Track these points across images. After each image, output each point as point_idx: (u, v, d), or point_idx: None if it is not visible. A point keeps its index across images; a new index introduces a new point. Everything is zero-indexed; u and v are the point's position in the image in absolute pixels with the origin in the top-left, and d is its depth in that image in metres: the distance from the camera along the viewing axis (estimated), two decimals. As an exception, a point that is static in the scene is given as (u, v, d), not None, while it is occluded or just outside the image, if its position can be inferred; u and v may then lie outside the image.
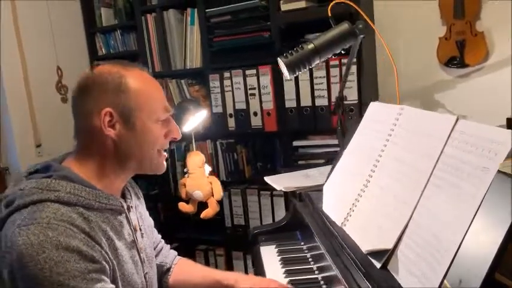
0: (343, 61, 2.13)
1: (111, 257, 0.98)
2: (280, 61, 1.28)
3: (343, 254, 1.03)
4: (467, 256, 0.69)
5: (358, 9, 1.33)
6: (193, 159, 1.72)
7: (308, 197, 1.45)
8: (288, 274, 1.40)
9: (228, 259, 2.68)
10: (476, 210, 0.71)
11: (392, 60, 1.26)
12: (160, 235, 1.40)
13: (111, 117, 1.01)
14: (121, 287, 1.01)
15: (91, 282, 0.89)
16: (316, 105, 2.23)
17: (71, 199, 0.95)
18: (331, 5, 1.32)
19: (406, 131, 1.05)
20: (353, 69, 2.14)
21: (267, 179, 1.67)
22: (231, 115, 2.44)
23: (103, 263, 0.94)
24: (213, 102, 2.46)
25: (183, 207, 1.75)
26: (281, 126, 2.34)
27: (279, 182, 1.60)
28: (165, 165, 1.13)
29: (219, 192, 1.74)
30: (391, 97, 2.34)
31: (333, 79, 2.17)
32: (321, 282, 1.30)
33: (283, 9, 2.26)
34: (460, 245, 0.71)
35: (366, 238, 0.99)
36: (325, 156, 2.27)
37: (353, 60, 1.37)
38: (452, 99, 2.31)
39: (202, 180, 1.70)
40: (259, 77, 2.34)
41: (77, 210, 0.95)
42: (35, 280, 0.85)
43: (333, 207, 1.23)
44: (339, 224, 1.14)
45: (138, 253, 1.10)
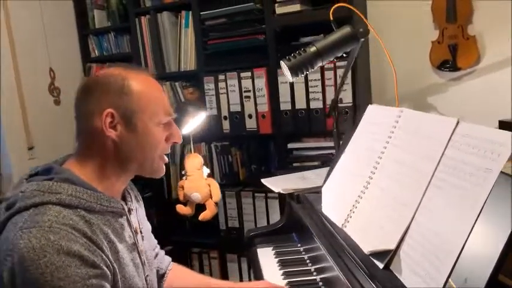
0: (337, 64, 2.15)
1: (112, 260, 0.97)
2: (283, 64, 1.29)
3: (345, 254, 1.03)
4: (473, 256, 0.71)
5: (359, 14, 1.34)
6: (192, 161, 1.72)
7: (306, 199, 1.46)
8: (286, 276, 1.40)
9: (222, 262, 2.67)
10: (480, 211, 0.72)
11: (391, 63, 1.28)
12: (156, 240, 1.40)
13: (113, 118, 1.01)
14: None
15: (91, 287, 0.89)
16: (311, 107, 2.24)
17: (73, 202, 0.95)
18: (332, 9, 1.34)
19: (406, 133, 1.06)
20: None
21: (264, 181, 1.67)
22: (225, 117, 2.45)
23: (104, 268, 0.93)
24: (208, 104, 2.46)
25: (181, 209, 1.75)
26: (276, 128, 2.35)
27: (276, 184, 1.61)
28: (164, 169, 1.13)
29: (217, 194, 1.74)
30: (384, 99, 2.37)
31: (327, 82, 2.19)
32: (320, 284, 1.31)
33: (278, 12, 2.28)
34: (464, 245, 0.73)
35: (367, 239, 1.00)
36: (320, 158, 2.28)
37: (352, 63, 1.38)
38: (445, 102, 2.34)
39: (200, 182, 1.70)
40: (254, 80, 2.35)
41: (78, 212, 0.95)
42: (35, 284, 0.84)
43: (333, 209, 1.24)
44: (340, 225, 1.15)
45: (139, 256, 1.10)
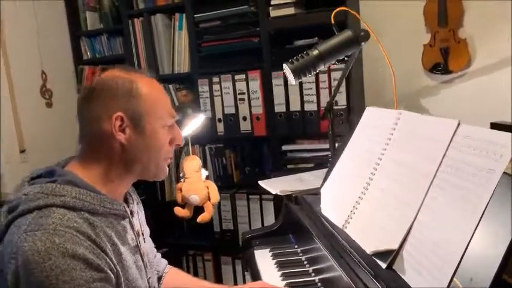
0: (332, 67, 2.17)
1: (115, 263, 0.97)
2: (286, 67, 1.31)
3: (347, 255, 1.05)
4: (477, 255, 0.72)
5: (360, 18, 1.36)
6: (190, 163, 1.72)
7: (304, 200, 1.47)
8: (284, 277, 1.41)
9: (216, 264, 2.68)
10: (483, 211, 0.74)
11: (390, 66, 1.30)
12: (153, 243, 1.40)
13: (122, 121, 1.01)
14: None
15: None
16: (305, 110, 2.26)
17: (77, 204, 0.95)
18: (334, 13, 1.36)
19: (405, 135, 1.08)
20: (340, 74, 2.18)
21: (261, 183, 1.68)
22: (219, 120, 2.45)
23: (108, 271, 0.93)
24: (202, 107, 2.47)
25: (179, 211, 1.75)
26: (270, 130, 2.36)
27: (274, 186, 1.62)
28: (167, 171, 1.14)
29: (215, 196, 1.74)
30: (377, 102, 2.39)
31: (322, 84, 2.21)
32: (319, 284, 1.32)
33: (272, 15, 2.29)
34: (467, 245, 0.74)
35: (369, 239, 1.01)
36: (314, 160, 2.30)
37: (351, 66, 1.40)
38: (437, 105, 2.38)
39: (198, 185, 1.70)
40: (248, 82, 2.36)
41: (82, 215, 0.95)
42: (40, 287, 0.84)
43: (333, 210, 1.25)
44: (340, 226, 1.16)
45: (141, 258, 1.10)
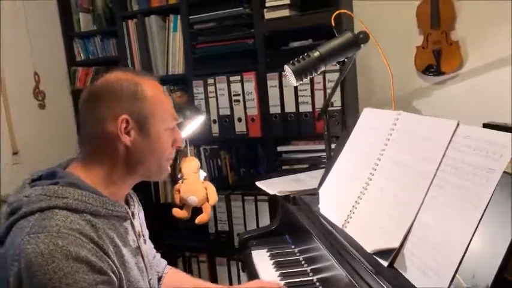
0: (326, 68, 2.18)
1: (118, 265, 0.97)
2: (288, 68, 1.32)
3: (347, 254, 1.06)
4: (480, 252, 0.74)
5: (361, 21, 1.38)
6: (188, 164, 1.73)
7: (302, 200, 1.48)
8: (283, 277, 1.42)
9: (212, 265, 2.68)
10: (484, 210, 0.75)
11: (388, 67, 1.32)
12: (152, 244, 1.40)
13: (127, 124, 1.01)
14: None
15: None
16: (300, 111, 2.28)
17: (79, 206, 0.95)
18: (334, 15, 1.37)
19: (404, 136, 1.09)
20: (335, 76, 2.20)
21: (258, 183, 1.69)
22: (214, 121, 2.46)
23: (110, 274, 0.93)
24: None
25: (177, 213, 1.76)
26: (265, 132, 2.37)
27: (271, 186, 1.63)
28: (169, 171, 1.14)
29: (214, 198, 1.75)
30: (370, 103, 2.42)
31: (316, 86, 2.22)
32: (317, 284, 1.33)
33: (267, 17, 2.30)
34: (469, 243, 0.76)
35: (370, 238, 1.02)
36: (309, 161, 2.32)
37: (348, 68, 1.42)
38: (429, 106, 2.40)
39: (197, 186, 1.71)
40: (243, 83, 2.37)
41: (84, 217, 0.95)
42: None
43: (332, 210, 1.26)
44: (340, 225, 1.17)
45: (142, 259, 1.10)
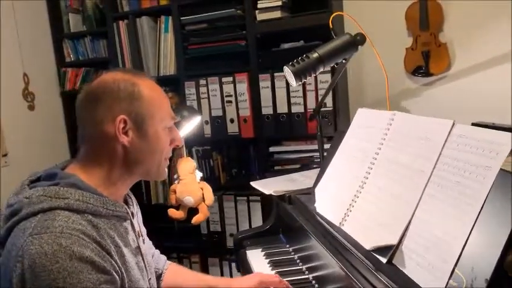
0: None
1: (120, 265, 0.97)
2: (288, 69, 1.34)
3: (345, 251, 1.08)
4: (478, 246, 0.76)
5: (357, 23, 1.40)
6: (184, 165, 1.73)
7: (298, 199, 1.50)
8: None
9: (204, 266, 2.68)
10: (481, 207, 0.78)
11: (383, 68, 1.34)
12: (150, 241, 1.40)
13: (125, 124, 1.01)
14: None
15: None
16: (292, 112, 2.30)
17: (80, 206, 0.95)
18: (331, 17, 1.39)
19: (400, 135, 1.12)
20: (327, 77, 2.23)
21: (253, 183, 1.70)
22: (207, 122, 2.47)
23: (113, 273, 0.94)
24: (189, 109, 2.47)
25: (173, 213, 1.76)
26: (258, 132, 2.39)
27: (266, 186, 1.64)
28: (167, 172, 1.15)
29: (210, 198, 1.76)
30: (361, 104, 2.45)
31: (308, 87, 2.25)
32: (313, 282, 1.35)
33: (259, 18, 2.33)
34: (467, 238, 0.78)
35: (368, 236, 1.05)
36: (301, 161, 2.34)
37: (343, 70, 1.45)
38: (418, 106, 2.44)
39: (193, 186, 1.71)
40: (235, 85, 2.38)
41: (85, 217, 0.95)
42: None
43: (329, 208, 1.28)
44: (337, 224, 1.19)
45: (142, 259, 1.11)
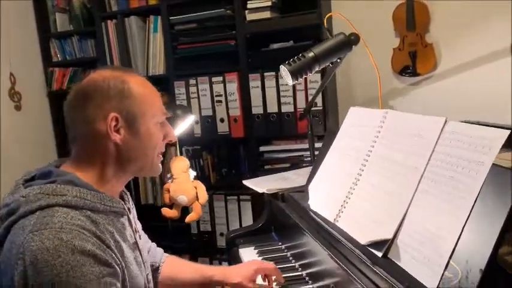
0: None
1: (120, 259, 0.98)
2: (284, 68, 1.36)
3: (341, 247, 1.10)
4: (473, 239, 0.79)
5: (351, 24, 1.43)
6: (178, 164, 1.73)
7: (291, 197, 1.52)
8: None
9: (194, 266, 2.68)
10: (474, 201, 0.81)
11: (376, 68, 1.37)
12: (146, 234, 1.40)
13: (117, 122, 1.01)
14: None
15: (105, 286, 0.90)
16: (282, 111, 2.32)
17: (78, 203, 0.95)
18: (326, 17, 1.42)
19: (393, 133, 1.14)
20: (316, 77, 2.25)
21: (246, 182, 1.71)
22: (197, 122, 2.47)
23: (115, 266, 0.95)
24: (179, 109, 2.47)
25: (167, 212, 1.76)
26: (248, 132, 2.40)
27: (259, 185, 1.65)
28: (161, 168, 1.15)
29: (204, 196, 1.76)
30: (351, 103, 2.48)
31: (298, 86, 2.27)
32: (306, 278, 1.37)
33: (249, 19, 2.34)
34: (461, 231, 0.81)
35: (363, 231, 1.07)
36: (291, 160, 2.37)
37: (336, 69, 1.47)
38: (405, 106, 2.49)
39: (187, 185, 1.72)
40: (225, 84, 2.39)
41: (84, 213, 0.95)
42: (51, 285, 0.84)
43: (323, 205, 1.30)
44: (332, 220, 1.21)
45: (140, 254, 1.11)
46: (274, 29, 2.33)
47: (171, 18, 2.48)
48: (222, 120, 2.42)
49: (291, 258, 1.54)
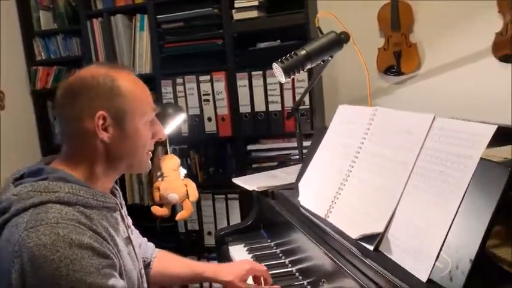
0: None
1: (116, 252, 0.99)
2: (277, 66, 1.37)
3: (333, 241, 1.12)
4: (463, 230, 0.82)
5: (341, 23, 1.45)
6: (168, 162, 1.73)
7: (282, 194, 1.53)
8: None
9: (181, 265, 2.68)
10: (465, 192, 0.83)
11: (365, 66, 1.40)
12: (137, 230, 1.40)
13: (104, 120, 1.01)
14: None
15: (105, 277, 0.90)
16: (269, 110, 2.33)
17: (71, 199, 0.95)
18: (317, 17, 1.44)
19: (382, 130, 1.17)
20: (304, 76, 2.27)
21: (235, 180, 1.72)
22: (184, 121, 2.46)
23: (113, 258, 0.95)
24: (166, 108, 2.47)
25: (157, 210, 1.76)
26: (236, 131, 2.41)
27: (249, 182, 1.67)
28: (150, 164, 1.15)
29: (194, 194, 1.77)
30: (337, 102, 2.51)
31: (285, 85, 2.29)
32: (296, 274, 1.39)
33: (236, 18, 2.35)
34: (451, 223, 0.84)
35: (354, 226, 1.09)
36: (278, 158, 2.38)
37: (325, 68, 1.49)
38: (390, 105, 2.51)
39: (177, 183, 1.72)
40: (213, 83, 2.40)
41: (77, 209, 0.95)
42: (51, 280, 0.84)
43: (313, 202, 1.32)
44: (322, 215, 1.23)
45: (133, 249, 1.12)
46: (261, 28, 2.35)
47: (158, 16, 2.48)
48: (209, 119, 2.43)
49: (280, 254, 1.55)
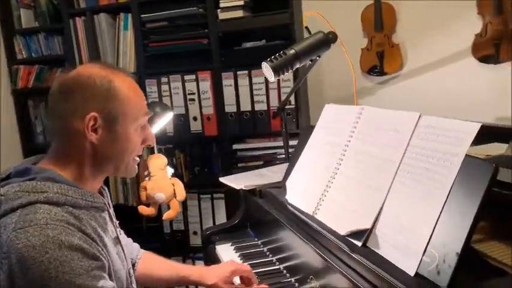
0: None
1: (105, 253, 0.98)
2: (266, 65, 1.38)
3: (321, 237, 1.13)
4: (449, 224, 0.84)
5: (328, 22, 1.47)
6: (155, 161, 1.73)
7: (269, 193, 1.55)
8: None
9: (167, 265, 2.66)
10: (450, 188, 0.85)
11: (351, 66, 1.42)
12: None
13: (95, 121, 1.00)
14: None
15: (95, 279, 0.90)
16: (255, 109, 2.34)
17: (60, 199, 0.94)
18: (305, 17, 1.45)
19: (369, 128, 1.19)
20: (289, 76, 2.29)
21: (222, 179, 1.73)
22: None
23: (103, 259, 0.95)
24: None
25: (144, 210, 1.75)
26: (221, 130, 2.41)
27: (236, 182, 1.67)
28: (137, 169, 1.15)
29: (182, 194, 1.76)
30: (322, 102, 2.53)
31: (271, 85, 2.30)
32: (284, 272, 1.40)
33: (221, 17, 2.35)
34: (438, 219, 0.86)
35: (341, 223, 1.10)
36: (264, 158, 2.39)
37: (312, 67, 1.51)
38: (372, 104, 2.55)
39: (164, 182, 1.71)
40: (198, 82, 2.39)
41: (66, 209, 0.95)
42: (40, 281, 0.84)
43: (301, 199, 1.33)
44: (310, 213, 1.25)
45: (122, 249, 1.11)
46: (247, 28, 2.36)
47: (142, 16, 2.46)
48: (195, 119, 2.42)
49: (268, 253, 1.56)
